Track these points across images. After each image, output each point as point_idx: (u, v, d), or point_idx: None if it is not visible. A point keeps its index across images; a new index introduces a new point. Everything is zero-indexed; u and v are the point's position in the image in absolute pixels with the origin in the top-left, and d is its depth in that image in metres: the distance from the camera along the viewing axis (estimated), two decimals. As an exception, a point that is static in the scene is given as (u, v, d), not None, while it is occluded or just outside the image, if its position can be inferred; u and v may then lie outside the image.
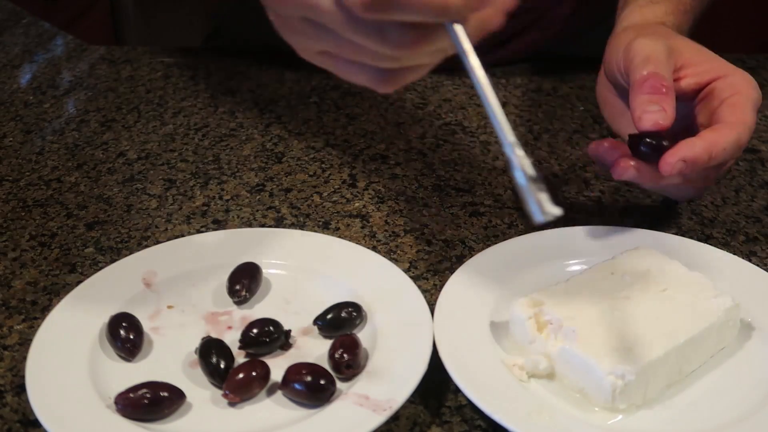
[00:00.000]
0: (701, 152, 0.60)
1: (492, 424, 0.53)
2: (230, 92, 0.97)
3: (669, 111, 0.61)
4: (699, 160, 0.60)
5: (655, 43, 0.65)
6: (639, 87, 0.62)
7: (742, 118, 0.62)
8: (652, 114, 0.61)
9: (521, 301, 0.57)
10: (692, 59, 0.66)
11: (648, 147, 0.61)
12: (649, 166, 0.62)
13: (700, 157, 0.60)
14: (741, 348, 0.59)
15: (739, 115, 0.62)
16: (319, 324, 0.60)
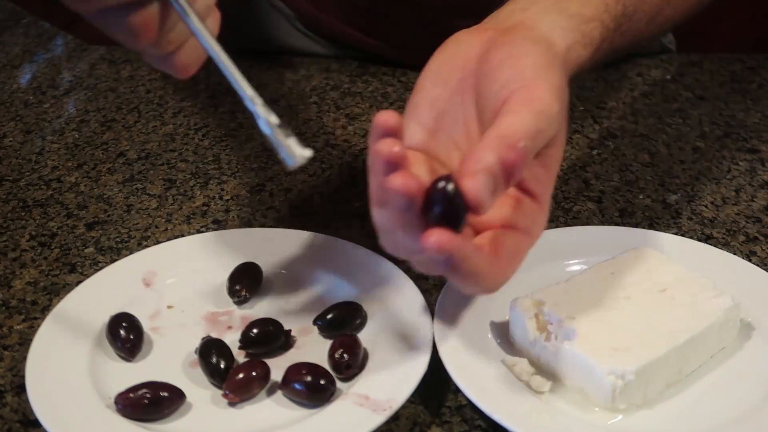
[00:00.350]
0: (467, 270, 0.45)
1: (492, 424, 0.53)
2: (230, 92, 0.97)
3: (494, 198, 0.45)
4: (456, 266, 0.45)
5: (551, 104, 0.48)
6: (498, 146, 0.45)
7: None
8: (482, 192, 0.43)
9: (521, 301, 0.57)
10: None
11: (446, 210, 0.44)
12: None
13: (462, 269, 0.45)
14: (741, 348, 0.59)
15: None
16: (319, 324, 0.60)
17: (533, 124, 0.45)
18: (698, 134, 0.88)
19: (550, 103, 0.47)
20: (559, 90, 0.48)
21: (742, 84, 0.98)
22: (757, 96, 0.96)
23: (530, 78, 0.48)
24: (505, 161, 0.43)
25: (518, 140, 0.44)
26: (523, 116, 0.46)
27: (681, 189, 0.79)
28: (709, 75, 1.00)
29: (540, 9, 0.54)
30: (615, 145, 0.86)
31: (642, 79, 0.98)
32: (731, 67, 1.02)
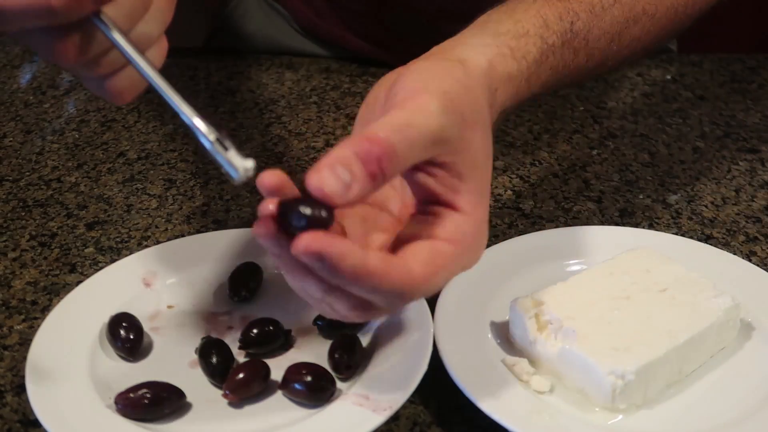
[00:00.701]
0: (348, 270, 0.42)
1: (492, 424, 0.53)
2: (230, 92, 0.97)
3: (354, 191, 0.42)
4: (339, 274, 0.42)
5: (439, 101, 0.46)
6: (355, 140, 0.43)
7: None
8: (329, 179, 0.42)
9: (521, 301, 0.57)
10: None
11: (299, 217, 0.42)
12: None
13: (343, 272, 0.42)
14: (741, 348, 0.59)
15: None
16: (319, 324, 0.60)
17: (401, 117, 0.44)
18: (698, 134, 0.88)
19: (427, 102, 0.45)
20: (447, 95, 0.47)
21: (742, 84, 0.98)
22: (757, 96, 0.96)
23: (414, 88, 0.47)
24: (361, 152, 0.42)
25: (377, 132, 0.43)
26: (390, 115, 0.45)
27: (681, 189, 0.79)
28: (709, 75, 1.00)
29: (468, 33, 0.56)
30: (615, 145, 0.86)
31: (642, 79, 0.98)
32: (731, 67, 1.02)
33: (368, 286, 0.43)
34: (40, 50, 0.46)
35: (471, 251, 0.47)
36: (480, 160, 0.48)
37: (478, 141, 0.48)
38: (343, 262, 0.42)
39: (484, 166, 0.49)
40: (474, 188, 0.47)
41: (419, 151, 0.45)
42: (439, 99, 0.46)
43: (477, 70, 0.52)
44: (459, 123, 0.47)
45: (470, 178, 0.47)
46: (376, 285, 0.43)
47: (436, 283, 0.45)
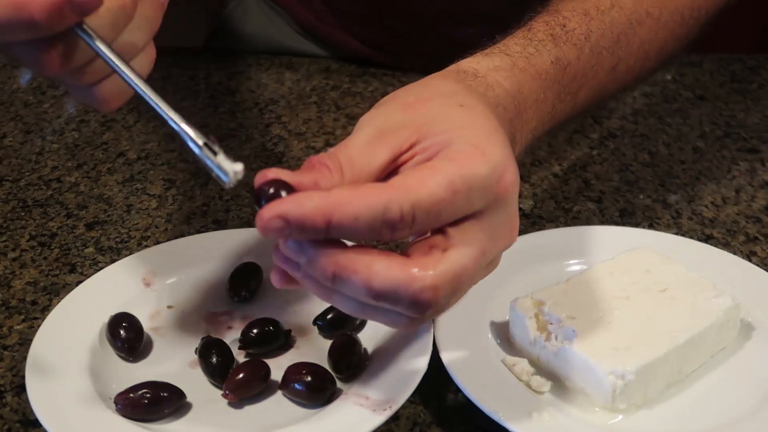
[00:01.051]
0: (313, 212, 0.41)
1: (492, 424, 0.53)
2: (230, 92, 0.97)
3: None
4: (308, 224, 0.41)
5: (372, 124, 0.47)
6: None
7: (413, 183, 0.43)
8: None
9: (521, 301, 0.57)
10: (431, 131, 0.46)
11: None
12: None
13: (311, 218, 0.41)
14: (741, 348, 0.59)
15: (413, 178, 0.43)
16: (319, 324, 0.60)
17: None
18: (698, 134, 0.88)
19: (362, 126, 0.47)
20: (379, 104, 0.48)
21: (742, 84, 0.98)
22: (757, 96, 0.96)
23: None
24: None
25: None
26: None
27: (681, 189, 0.79)
28: (709, 75, 1.00)
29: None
30: (615, 145, 0.86)
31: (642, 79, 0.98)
32: (731, 67, 1.02)
33: (346, 219, 0.41)
34: (25, 61, 0.46)
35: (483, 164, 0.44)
36: (447, 112, 0.47)
37: (435, 104, 0.47)
38: (304, 205, 0.41)
39: (456, 113, 0.47)
40: (457, 131, 0.45)
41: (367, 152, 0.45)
42: (369, 112, 0.48)
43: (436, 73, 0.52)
44: (400, 109, 0.47)
45: (447, 129, 0.45)
46: (353, 212, 0.41)
47: (428, 188, 0.42)
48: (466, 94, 0.49)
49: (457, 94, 0.49)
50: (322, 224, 0.41)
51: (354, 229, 0.42)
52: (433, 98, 0.48)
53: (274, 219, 0.41)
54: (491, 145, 0.45)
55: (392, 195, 0.42)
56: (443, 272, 0.43)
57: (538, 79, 0.56)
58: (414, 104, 0.47)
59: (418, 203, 0.42)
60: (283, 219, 0.41)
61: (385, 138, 0.46)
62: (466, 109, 0.47)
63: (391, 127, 0.46)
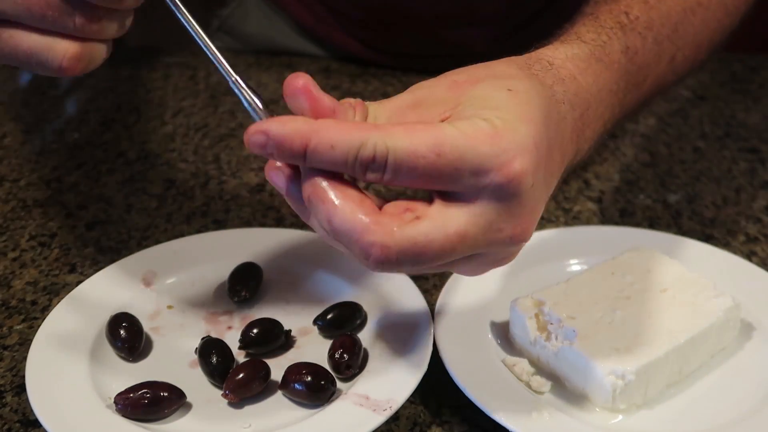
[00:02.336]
0: (293, 133, 0.42)
1: (492, 424, 0.53)
2: (230, 92, 0.97)
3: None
4: (287, 143, 0.42)
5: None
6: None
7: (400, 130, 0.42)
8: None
9: (521, 301, 0.58)
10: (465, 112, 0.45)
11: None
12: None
13: (290, 139, 0.42)
14: (741, 348, 0.59)
15: (404, 126, 0.43)
16: (319, 324, 0.60)
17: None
18: (698, 134, 0.88)
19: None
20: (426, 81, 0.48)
21: (742, 84, 0.98)
22: (758, 96, 0.96)
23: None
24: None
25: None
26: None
27: (681, 189, 0.79)
28: (709, 75, 1.00)
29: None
30: (615, 145, 0.86)
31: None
32: (731, 67, 1.02)
33: (322, 146, 0.42)
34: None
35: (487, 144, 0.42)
36: (492, 94, 0.45)
37: (483, 86, 0.45)
38: (287, 125, 0.42)
39: (501, 95, 0.45)
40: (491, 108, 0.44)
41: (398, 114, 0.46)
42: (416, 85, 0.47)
43: (506, 58, 0.50)
44: (447, 85, 0.46)
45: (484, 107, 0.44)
46: (329, 140, 0.42)
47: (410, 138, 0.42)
48: (522, 79, 0.47)
49: (512, 78, 0.46)
50: (299, 146, 0.42)
51: (330, 159, 0.42)
52: (484, 80, 0.46)
53: (257, 133, 0.43)
54: (511, 131, 0.42)
55: (372, 133, 0.42)
56: (403, 237, 0.42)
57: (611, 69, 0.54)
58: (462, 84, 0.46)
59: (394, 149, 0.42)
60: (265, 135, 0.43)
61: (418, 108, 0.46)
62: (512, 94, 0.45)
63: (429, 99, 0.46)
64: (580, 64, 0.52)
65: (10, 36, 0.47)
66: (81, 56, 0.48)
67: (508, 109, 0.44)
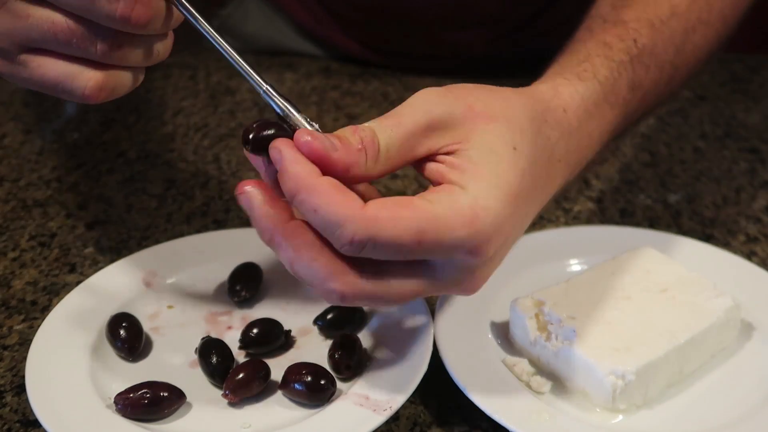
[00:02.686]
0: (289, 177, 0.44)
1: (492, 424, 0.53)
2: (230, 92, 0.97)
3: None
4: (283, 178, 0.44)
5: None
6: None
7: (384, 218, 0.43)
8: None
9: (521, 301, 0.58)
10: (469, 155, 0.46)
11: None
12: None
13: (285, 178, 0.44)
14: (741, 348, 0.59)
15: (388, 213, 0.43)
16: (319, 324, 0.60)
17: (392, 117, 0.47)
18: (698, 134, 0.88)
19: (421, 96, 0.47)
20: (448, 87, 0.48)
21: (742, 84, 0.98)
22: (757, 96, 0.96)
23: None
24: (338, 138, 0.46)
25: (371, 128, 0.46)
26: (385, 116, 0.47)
27: (681, 189, 0.79)
28: (709, 75, 1.00)
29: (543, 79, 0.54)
30: (615, 145, 0.86)
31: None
32: (731, 67, 1.02)
33: (306, 205, 0.43)
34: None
35: (465, 228, 0.43)
36: (500, 149, 0.46)
37: (495, 131, 0.47)
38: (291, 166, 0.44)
39: (508, 157, 0.46)
40: (486, 171, 0.45)
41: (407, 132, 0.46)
42: (436, 91, 0.47)
43: (525, 91, 0.51)
44: (463, 111, 0.47)
45: (483, 161, 0.45)
46: (314, 204, 0.43)
47: (394, 229, 0.43)
48: (529, 139, 0.48)
49: (521, 133, 0.48)
50: (290, 190, 0.44)
51: (309, 217, 0.44)
52: (498, 119, 0.47)
53: (274, 149, 0.45)
54: (492, 216, 0.44)
55: (356, 217, 0.43)
56: (363, 289, 0.45)
57: (617, 107, 0.55)
58: (478, 115, 0.47)
59: (376, 238, 0.43)
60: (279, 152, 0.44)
61: (432, 134, 0.46)
62: (514, 156, 0.46)
63: (443, 123, 0.46)
64: (591, 108, 0.53)
65: (38, 65, 0.48)
66: (103, 85, 0.48)
67: (497, 182, 0.45)
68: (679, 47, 0.62)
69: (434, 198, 0.44)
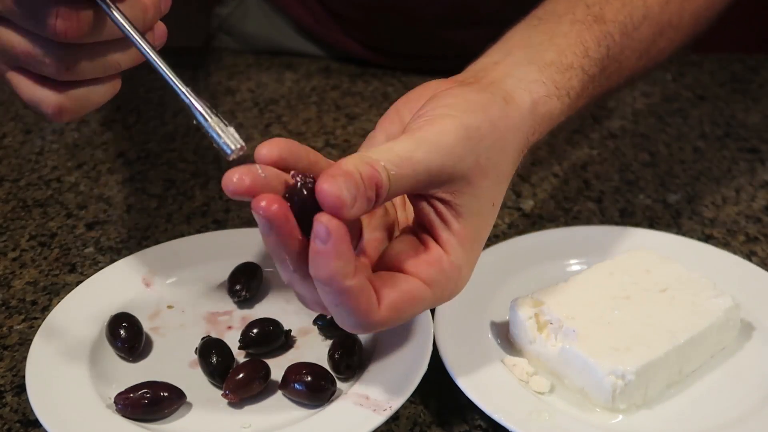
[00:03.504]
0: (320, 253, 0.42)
1: (492, 424, 0.53)
2: (230, 92, 0.97)
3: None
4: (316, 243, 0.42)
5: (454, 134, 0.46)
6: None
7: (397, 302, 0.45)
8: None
9: (521, 301, 0.57)
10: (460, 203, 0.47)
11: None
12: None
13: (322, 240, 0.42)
14: (741, 348, 0.59)
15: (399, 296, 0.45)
16: (319, 324, 0.60)
17: (406, 149, 0.45)
18: (698, 134, 0.88)
19: (441, 135, 0.46)
20: (468, 131, 0.46)
21: (742, 84, 0.98)
22: (757, 96, 0.96)
23: (440, 115, 0.47)
24: (365, 175, 0.43)
25: (379, 160, 0.43)
26: (399, 141, 0.45)
27: (681, 189, 0.79)
28: (709, 75, 1.00)
29: (512, 62, 0.53)
30: (615, 145, 0.86)
31: (642, 79, 0.98)
32: (731, 67, 1.02)
33: (336, 298, 0.43)
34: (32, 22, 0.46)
35: (446, 292, 0.48)
36: (484, 209, 0.48)
37: (486, 188, 0.48)
38: (337, 275, 0.42)
39: (487, 215, 0.49)
40: (469, 234, 0.47)
41: (413, 183, 0.45)
42: (456, 134, 0.46)
43: (518, 113, 0.50)
44: (471, 166, 0.47)
45: (468, 223, 0.47)
46: (343, 303, 0.43)
47: (398, 320, 0.46)
48: (506, 185, 0.50)
49: (502, 183, 0.50)
50: (323, 276, 0.42)
51: (325, 299, 0.44)
52: (489, 176, 0.48)
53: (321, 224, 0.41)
54: (466, 278, 0.48)
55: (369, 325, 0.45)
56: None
57: (570, 115, 0.56)
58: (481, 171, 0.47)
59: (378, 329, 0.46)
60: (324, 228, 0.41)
61: (437, 180, 0.46)
62: (491, 213, 0.49)
63: (451, 175, 0.46)
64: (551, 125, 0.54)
65: (16, 85, 0.49)
66: (63, 109, 0.49)
67: (475, 248, 0.48)
68: (643, 53, 0.62)
69: (431, 276, 0.46)
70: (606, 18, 0.58)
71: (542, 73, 0.53)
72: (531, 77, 0.52)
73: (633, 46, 0.60)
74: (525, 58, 0.53)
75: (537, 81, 0.52)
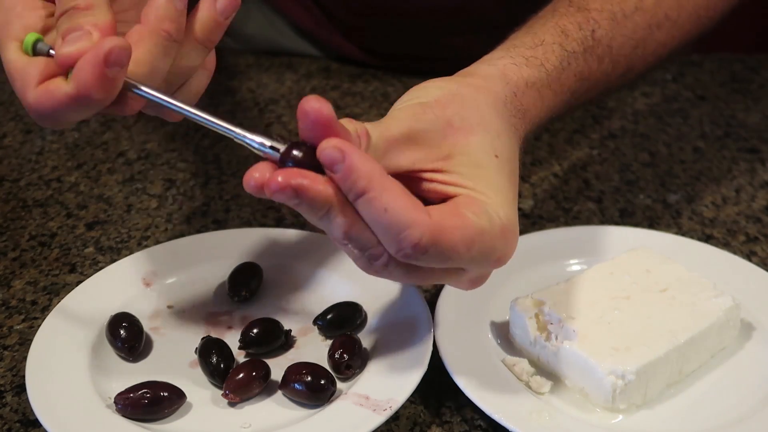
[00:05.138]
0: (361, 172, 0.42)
1: (492, 424, 0.53)
2: (230, 92, 0.97)
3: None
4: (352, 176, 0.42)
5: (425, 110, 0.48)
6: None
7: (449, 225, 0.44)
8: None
9: (521, 301, 0.58)
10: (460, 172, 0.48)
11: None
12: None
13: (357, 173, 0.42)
14: (741, 348, 0.59)
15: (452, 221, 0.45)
16: (319, 324, 0.60)
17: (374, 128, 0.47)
18: (698, 134, 0.88)
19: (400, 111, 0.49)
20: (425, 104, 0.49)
21: (742, 84, 0.98)
22: (757, 96, 0.96)
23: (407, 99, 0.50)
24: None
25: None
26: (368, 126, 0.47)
27: (681, 189, 0.79)
28: (709, 75, 1.00)
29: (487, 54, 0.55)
30: (615, 145, 0.86)
31: (642, 79, 0.98)
32: (731, 67, 1.02)
33: (375, 204, 0.42)
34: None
35: (500, 240, 0.46)
36: (484, 161, 0.48)
37: (476, 143, 0.48)
38: (360, 161, 0.42)
39: (490, 165, 0.48)
40: (482, 186, 0.47)
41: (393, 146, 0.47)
42: (414, 110, 0.48)
43: (480, 79, 0.52)
44: (443, 128, 0.48)
45: (474, 177, 0.47)
46: (385, 203, 0.42)
47: (454, 238, 0.44)
48: (504, 137, 0.50)
49: (499, 137, 0.50)
50: (360, 188, 0.42)
51: (374, 215, 0.43)
52: (476, 131, 0.49)
53: (333, 148, 0.42)
54: (512, 225, 0.47)
55: (425, 222, 0.43)
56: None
57: (561, 94, 0.56)
58: (457, 131, 0.48)
59: (439, 243, 0.44)
60: (342, 153, 0.42)
61: (413, 145, 0.47)
62: (499, 164, 0.49)
63: (423, 138, 0.48)
64: (536, 94, 0.54)
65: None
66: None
67: (498, 189, 0.48)
68: (639, 43, 0.62)
69: (474, 211, 0.46)
70: (590, 7, 0.60)
71: (508, 51, 0.55)
72: (495, 55, 0.55)
73: (626, 33, 0.61)
74: (498, 48, 0.56)
75: (501, 57, 0.54)
